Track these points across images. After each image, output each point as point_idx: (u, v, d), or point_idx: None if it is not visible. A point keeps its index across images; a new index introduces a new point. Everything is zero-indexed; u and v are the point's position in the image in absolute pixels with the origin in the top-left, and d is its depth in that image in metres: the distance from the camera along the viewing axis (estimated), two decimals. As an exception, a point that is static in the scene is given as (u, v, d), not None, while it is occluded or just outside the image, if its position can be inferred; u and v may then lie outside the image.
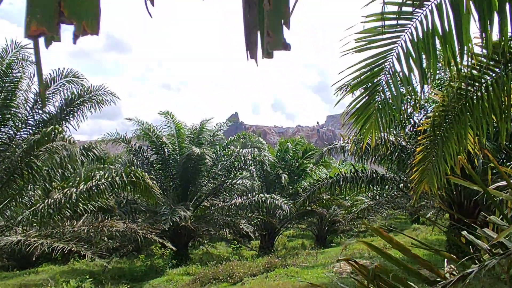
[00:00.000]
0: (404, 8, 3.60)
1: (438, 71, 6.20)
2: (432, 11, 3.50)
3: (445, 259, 2.91)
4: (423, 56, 3.74)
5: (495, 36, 3.69)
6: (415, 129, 10.98)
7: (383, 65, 4.16)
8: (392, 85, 4.20)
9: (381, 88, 4.37)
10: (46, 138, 9.66)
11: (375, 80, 4.36)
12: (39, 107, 11.72)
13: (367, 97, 4.49)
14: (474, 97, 4.48)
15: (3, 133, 11.18)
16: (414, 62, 3.79)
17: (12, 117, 11.12)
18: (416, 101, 5.54)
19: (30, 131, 11.50)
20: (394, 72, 4.11)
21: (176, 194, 18.07)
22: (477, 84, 4.46)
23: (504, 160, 9.74)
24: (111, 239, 16.50)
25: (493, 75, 4.37)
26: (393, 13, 3.63)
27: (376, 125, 4.65)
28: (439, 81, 9.30)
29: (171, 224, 14.57)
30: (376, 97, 4.57)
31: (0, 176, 10.38)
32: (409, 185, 12.33)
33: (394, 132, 10.65)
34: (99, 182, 10.84)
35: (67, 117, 12.05)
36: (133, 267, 15.80)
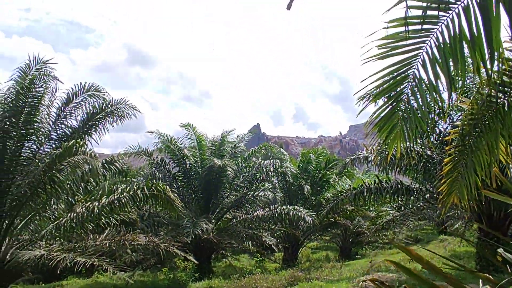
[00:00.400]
0: (429, 12, 3.41)
1: (466, 78, 5.95)
2: (459, 14, 3.30)
3: (480, 280, 2.69)
4: (450, 62, 3.53)
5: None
6: (441, 138, 10.67)
7: (407, 72, 3.96)
8: (417, 93, 3.99)
9: (406, 96, 4.16)
10: (68, 152, 9.68)
11: (399, 88, 4.16)
12: (61, 121, 11.80)
13: (391, 106, 4.28)
14: (506, 104, 4.24)
15: (27, 148, 11.27)
16: (441, 68, 3.58)
17: (35, 131, 11.22)
18: (442, 109, 5.28)
19: (53, 146, 11.57)
20: (419, 80, 3.90)
21: (198, 206, 17.99)
22: (508, 90, 4.22)
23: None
24: (135, 252, 16.49)
25: (526, 80, 4.13)
26: (417, 17, 3.44)
27: (401, 135, 4.43)
28: (466, 88, 9.01)
29: (193, 237, 14.45)
30: (401, 106, 4.35)
31: (24, 191, 10.45)
32: (435, 195, 12.00)
33: (420, 142, 10.35)
34: (120, 196, 10.82)
35: (89, 131, 12.10)
36: (156, 280, 15.71)
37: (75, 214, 10.48)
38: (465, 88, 8.88)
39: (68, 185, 11.24)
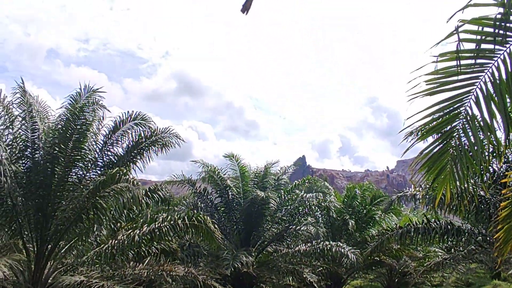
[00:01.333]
0: (484, 46, 3.16)
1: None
2: (517, 48, 3.04)
3: None
4: (508, 99, 3.24)
5: None
6: (495, 178, 10.08)
7: (459, 109, 3.68)
8: (470, 132, 3.69)
9: (457, 135, 3.86)
10: (111, 180, 9.79)
11: (450, 127, 3.87)
12: (108, 148, 12.04)
13: (440, 145, 3.99)
14: None
15: (73, 174, 11.52)
16: (497, 106, 3.29)
17: (82, 158, 11.47)
18: (498, 150, 4.91)
19: (99, 172, 11.78)
20: (472, 117, 3.61)
21: (239, 238, 17.77)
22: None
23: None
24: (174, 282, 16.38)
25: None
26: (470, 51, 3.20)
27: (451, 176, 4.11)
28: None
29: (232, 269, 14.20)
30: (451, 144, 4.05)
31: (68, 215, 10.62)
32: (488, 239, 11.28)
33: (472, 181, 9.79)
34: (161, 225, 10.83)
35: (134, 159, 12.26)
36: (193, 312, 15.46)
37: (116, 241, 10.54)
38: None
39: (111, 212, 11.35)
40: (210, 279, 12.76)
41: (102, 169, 11.82)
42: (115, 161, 11.96)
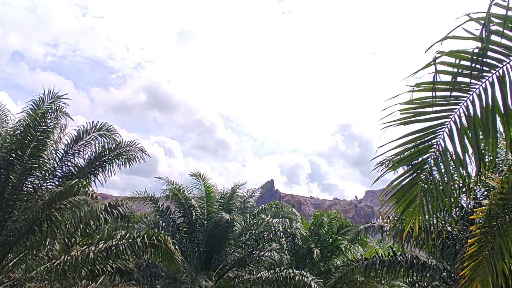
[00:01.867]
0: (460, 79, 3.20)
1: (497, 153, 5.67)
2: (493, 84, 3.10)
3: None
4: (480, 135, 3.28)
5: None
6: (462, 214, 10.26)
7: (431, 141, 3.71)
8: (441, 165, 3.72)
9: (428, 167, 3.88)
10: (69, 191, 9.53)
11: (422, 158, 3.90)
12: (68, 158, 11.73)
13: (411, 177, 4.01)
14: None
15: (29, 183, 11.15)
16: (469, 140, 3.33)
17: (40, 167, 11.12)
18: (468, 185, 4.98)
19: (56, 183, 11.45)
20: (444, 151, 3.64)
21: (200, 261, 17.47)
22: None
23: None
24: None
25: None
26: (446, 83, 3.24)
27: (421, 209, 4.12)
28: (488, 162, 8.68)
29: (190, 293, 13.91)
30: (422, 177, 4.07)
31: (19, 226, 10.24)
32: (453, 275, 11.39)
33: (439, 216, 9.93)
34: (119, 242, 10.54)
35: (95, 171, 12.00)
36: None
37: (69, 257, 10.18)
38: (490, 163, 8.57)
39: (66, 226, 11.00)
40: (166, 303, 12.47)
41: (60, 180, 11.50)
42: (75, 172, 11.67)
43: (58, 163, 11.58)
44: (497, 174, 7.17)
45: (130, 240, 10.55)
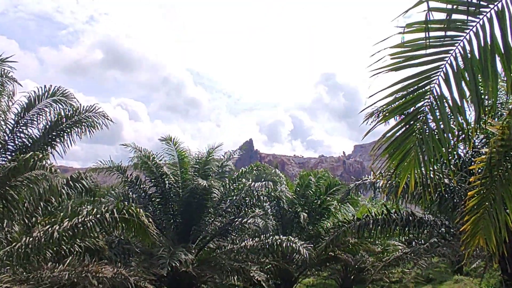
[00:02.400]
0: (455, 16, 3.20)
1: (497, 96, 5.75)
2: (491, 20, 3.11)
3: None
4: (479, 77, 3.32)
5: None
6: (460, 164, 10.49)
7: (426, 87, 3.74)
8: (437, 113, 3.77)
9: (423, 116, 3.93)
10: (24, 166, 9.41)
11: (416, 107, 3.93)
12: (20, 129, 11.54)
13: (405, 128, 4.06)
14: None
15: (-23, 159, 10.99)
16: (467, 84, 3.37)
17: (-13, 141, 10.95)
18: (467, 133, 5.05)
19: (9, 157, 11.29)
20: (440, 97, 3.68)
21: (177, 233, 17.63)
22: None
23: None
24: (100, 284, 16.09)
25: None
26: (440, 22, 3.24)
27: (416, 162, 4.20)
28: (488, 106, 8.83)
29: (169, 269, 14.09)
30: (417, 127, 4.12)
31: (-29, 209, 10.16)
32: (452, 231, 11.78)
33: (435, 168, 10.15)
34: (86, 219, 10.52)
35: (53, 142, 11.87)
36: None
37: (31, 239, 10.16)
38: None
39: (24, 204, 10.94)
40: (143, 280, 12.61)
41: (13, 153, 11.35)
42: (29, 145, 11.52)
43: (9, 135, 11.40)
44: (496, 119, 7.32)
45: (98, 216, 10.56)
